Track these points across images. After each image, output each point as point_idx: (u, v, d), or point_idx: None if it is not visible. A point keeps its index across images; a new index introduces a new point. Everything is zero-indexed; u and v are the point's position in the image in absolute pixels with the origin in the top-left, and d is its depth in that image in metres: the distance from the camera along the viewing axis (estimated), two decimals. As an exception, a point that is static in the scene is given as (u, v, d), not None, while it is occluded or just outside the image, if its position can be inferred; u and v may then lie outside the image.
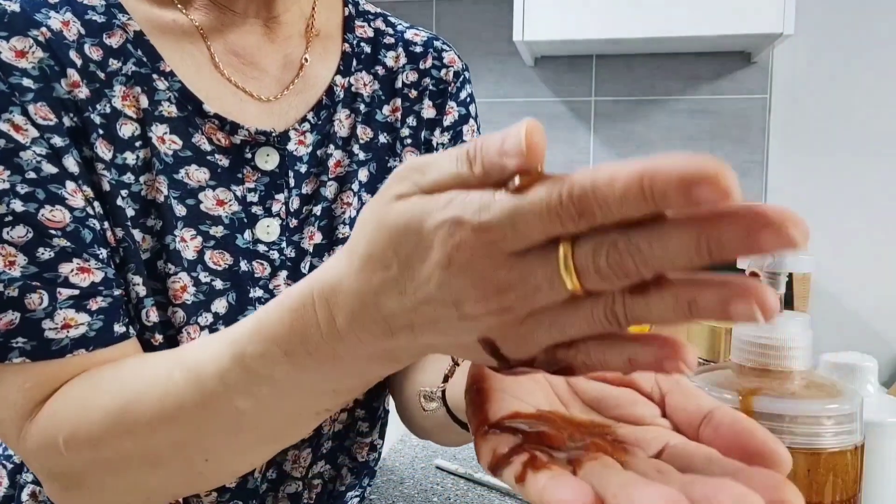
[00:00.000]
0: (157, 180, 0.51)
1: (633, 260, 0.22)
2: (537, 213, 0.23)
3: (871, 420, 0.51)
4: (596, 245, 0.23)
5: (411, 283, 0.26)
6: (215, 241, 0.54)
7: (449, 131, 0.65)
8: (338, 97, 0.60)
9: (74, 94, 0.49)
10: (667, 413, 0.33)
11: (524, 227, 0.24)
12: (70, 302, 0.46)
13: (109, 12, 0.52)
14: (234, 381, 0.36)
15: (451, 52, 0.67)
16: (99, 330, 0.47)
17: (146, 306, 0.51)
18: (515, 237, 0.24)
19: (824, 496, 0.43)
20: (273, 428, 0.39)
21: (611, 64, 1.91)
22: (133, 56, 0.52)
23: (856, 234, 1.83)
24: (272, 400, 0.36)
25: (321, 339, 0.31)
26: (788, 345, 0.44)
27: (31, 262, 0.45)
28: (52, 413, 0.45)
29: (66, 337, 0.46)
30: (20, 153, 0.46)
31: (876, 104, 1.81)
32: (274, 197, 0.56)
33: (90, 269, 0.47)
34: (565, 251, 0.23)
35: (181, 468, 0.42)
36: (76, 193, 0.48)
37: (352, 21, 0.64)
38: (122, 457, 0.42)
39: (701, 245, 0.21)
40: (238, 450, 0.41)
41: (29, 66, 0.47)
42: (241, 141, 0.55)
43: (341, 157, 0.59)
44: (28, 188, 0.46)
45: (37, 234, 0.46)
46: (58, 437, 0.43)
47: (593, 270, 0.23)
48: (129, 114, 0.51)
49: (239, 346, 0.36)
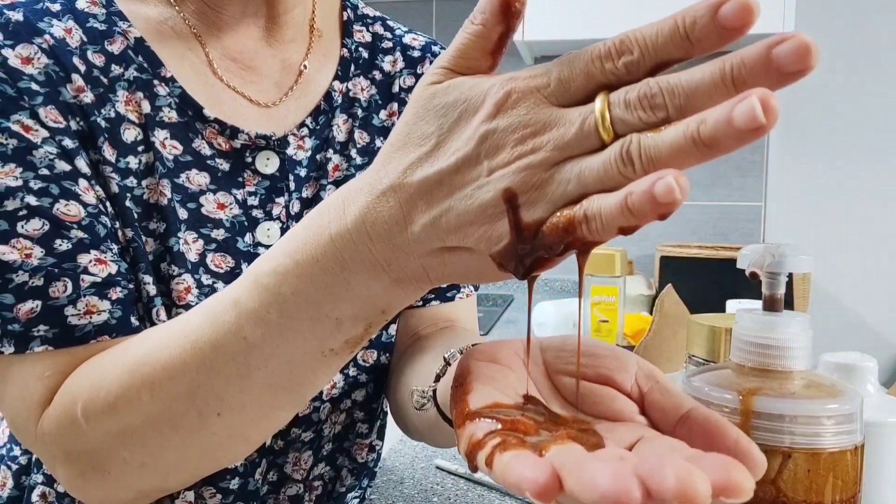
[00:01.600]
0: (160, 184, 0.52)
1: (661, 90, 0.25)
2: (583, 57, 0.27)
3: (871, 420, 0.51)
4: (630, 88, 0.26)
5: (446, 152, 0.28)
6: (216, 244, 0.54)
7: None
8: (336, 102, 0.60)
9: (80, 99, 0.49)
10: (645, 411, 0.33)
11: (569, 73, 0.27)
12: (93, 290, 0.46)
13: (110, 20, 0.52)
14: (245, 303, 0.37)
15: None
16: (119, 318, 0.47)
17: (157, 305, 0.51)
18: (560, 85, 0.27)
19: (824, 496, 0.43)
20: (280, 369, 0.38)
21: (611, 64, 1.91)
22: (134, 62, 0.52)
23: (856, 234, 1.83)
24: (279, 328, 0.36)
25: (329, 241, 0.32)
26: (788, 345, 0.44)
27: (48, 254, 0.46)
28: (68, 389, 0.45)
29: (90, 323, 0.46)
30: (33, 151, 0.46)
31: (876, 104, 1.81)
32: (274, 200, 0.56)
33: (106, 261, 0.48)
34: (603, 99, 0.26)
35: (195, 427, 0.41)
36: (88, 191, 0.48)
37: (350, 25, 0.63)
38: (139, 419, 0.42)
39: (725, 70, 0.24)
40: (249, 400, 0.40)
41: (35, 71, 0.48)
42: (242, 145, 0.55)
43: (340, 161, 0.60)
44: (42, 184, 0.46)
45: (53, 226, 0.46)
46: (76, 409, 0.43)
47: (623, 104, 0.25)
48: (131, 118, 0.52)
49: (255, 266, 0.37)
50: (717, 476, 0.22)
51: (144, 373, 0.41)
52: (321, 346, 0.36)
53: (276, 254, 0.36)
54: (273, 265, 0.35)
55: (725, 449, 0.27)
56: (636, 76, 0.26)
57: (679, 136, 0.24)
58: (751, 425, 0.42)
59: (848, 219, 1.83)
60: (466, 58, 0.29)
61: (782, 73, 0.23)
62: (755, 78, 0.24)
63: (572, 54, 0.27)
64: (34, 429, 0.45)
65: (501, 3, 0.28)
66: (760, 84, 0.23)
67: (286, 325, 0.36)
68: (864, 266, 1.83)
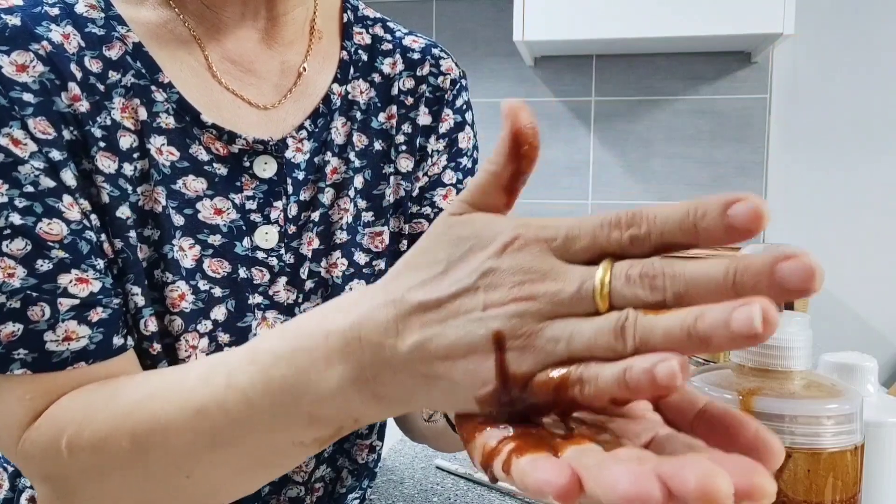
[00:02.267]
0: (154, 191, 0.52)
1: (664, 273, 0.26)
2: (593, 220, 0.28)
3: (871, 420, 0.51)
4: (634, 263, 0.26)
5: (449, 279, 0.29)
6: (213, 249, 0.54)
7: (444, 138, 0.65)
8: (334, 105, 0.60)
9: (75, 108, 0.49)
10: (659, 409, 0.33)
11: (577, 231, 0.28)
12: (72, 313, 0.47)
13: (109, 24, 0.52)
14: (236, 374, 0.37)
15: (449, 60, 0.67)
16: (99, 343, 0.48)
17: (144, 316, 0.51)
18: (566, 241, 0.28)
19: (824, 496, 0.43)
20: (251, 449, 0.39)
21: (611, 64, 1.91)
22: (132, 68, 0.52)
23: (856, 234, 1.83)
24: (259, 408, 0.36)
25: (324, 337, 0.33)
26: (788, 345, 0.44)
27: (30, 274, 0.46)
28: (55, 419, 0.45)
29: (67, 349, 0.47)
30: (18, 167, 0.46)
31: (876, 104, 1.81)
32: (272, 204, 0.56)
33: (88, 279, 0.48)
34: (606, 268, 0.27)
35: (167, 481, 0.42)
36: (72, 207, 0.48)
37: (350, 27, 0.63)
38: (118, 462, 0.42)
39: (729, 272, 0.24)
40: (218, 471, 0.41)
41: (29, 79, 0.48)
42: (240, 150, 0.55)
43: (338, 164, 0.60)
44: (26, 202, 0.46)
45: (35, 246, 0.46)
46: (61, 441, 0.44)
47: (624, 278, 0.26)
48: (127, 125, 0.51)
49: (256, 341, 0.38)
50: (739, 480, 0.22)
51: (131, 422, 0.42)
52: (292, 438, 0.37)
53: (277, 334, 0.36)
54: (271, 344, 0.36)
55: (745, 441, 0.27)
56: (640, 251, 0.27)
57: (675, 326, 0.25)
58: (751, 425, 0.42)
59: (848, 219, 1.83)
60: (483, 194, 0.31)
61: (784, 289, 0.23)
62: (756, 288, 0.24)
63: (585, 217, 0.28)
64: (15, 447, 0.46)
65: (511, 146, 0.30)
66: (761, 293, 0.24)
67: (266, 407, 0.36)
68: (863, 266, 1.83)
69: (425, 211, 0.64)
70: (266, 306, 0.56)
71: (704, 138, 1.87)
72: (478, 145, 0.68)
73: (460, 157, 0.66)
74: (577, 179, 1.95)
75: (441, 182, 0.64)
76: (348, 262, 0.59)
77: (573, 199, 1.96)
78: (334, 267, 0.58)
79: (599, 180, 1.95)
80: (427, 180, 0.64)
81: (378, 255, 0.61)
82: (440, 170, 0.64)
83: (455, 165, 0.65)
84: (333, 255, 0.58)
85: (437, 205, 0.64)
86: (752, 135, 1.85)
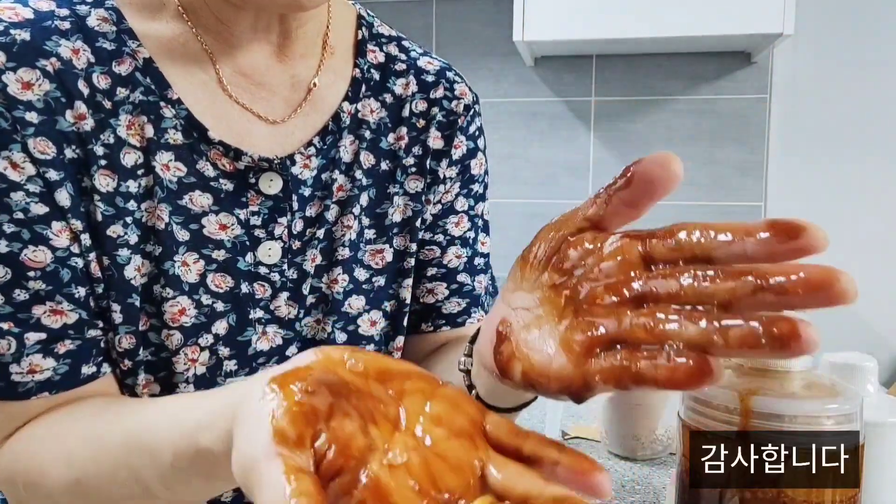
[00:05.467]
0: (158, 207, 0.52)
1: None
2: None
3: (871, 420, 0.51)
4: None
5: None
6: (217, 264, 0.54)
7: (457, 165, 0.64)
8: (344, 123, 0.59)
9: (79, 126, 0.49)
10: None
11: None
12: (37, 347, 0.48)
13: (120, 38, 0.52)
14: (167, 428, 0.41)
15: (463, 84, 0.66)
16: (64, 374, 0.49)
17: (120, 333, 0.52)
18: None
19: (824, 496, 0.43)
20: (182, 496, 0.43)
21: (611, 64, 1.91)
22: (141, 84, 0.52)
23: (856, 234, 1.83)
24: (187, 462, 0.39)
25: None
26: (788, 345, 0.44)
27: (6, 303, 0.47)
28: (15, 457, 0.48)
29: (32, 381, 0.48)
30: (11, 194, 0.47)
31: (876, 104, 1.81)
32: (277, 220, 0.56)
33: (63, 311, 0.49)
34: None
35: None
36: (61, 233, 0.49)
37: (364, 45, 0.62)
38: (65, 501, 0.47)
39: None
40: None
41: (34, 98, 0.48)
42: (245, 166, 0.55)
43: (344, 181, 0.59)
44: (14, 228, 0.47)
45: (15, 275, 0.47)
46: (17, 481, 0.48)
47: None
48: (132, 143, 0.52)
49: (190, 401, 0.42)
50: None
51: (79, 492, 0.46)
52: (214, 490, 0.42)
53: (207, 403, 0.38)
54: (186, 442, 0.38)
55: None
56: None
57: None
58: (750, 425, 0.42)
59: (848, 219, 1.83)
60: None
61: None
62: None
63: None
64: None
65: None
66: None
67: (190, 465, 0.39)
68: (863, 266, 1.83)
69: (438, 238, 0.64)
70: (267, 321, 0.56)
71: (704, 138, 1.87)
72: (489, 170, 0.68)
73: (472, 183, 0.66)
74: (577, 179, 1.95)
75: (454, 209, 0.64)
76: (349, 279, 0.59)
77: (573, 199, 1.95)
78: (335, 283, 0.58)
79: (599, 180, 1.94)
80: (440, 208, 0.64)
81: (378, 272, 0.61)
82: (453, 197, 0.64)
83: (467, 192, 0.65)
84: (335, 270, 0.58)
85: (449, 232, 0.64)
86: (752, 135, 1.85)
